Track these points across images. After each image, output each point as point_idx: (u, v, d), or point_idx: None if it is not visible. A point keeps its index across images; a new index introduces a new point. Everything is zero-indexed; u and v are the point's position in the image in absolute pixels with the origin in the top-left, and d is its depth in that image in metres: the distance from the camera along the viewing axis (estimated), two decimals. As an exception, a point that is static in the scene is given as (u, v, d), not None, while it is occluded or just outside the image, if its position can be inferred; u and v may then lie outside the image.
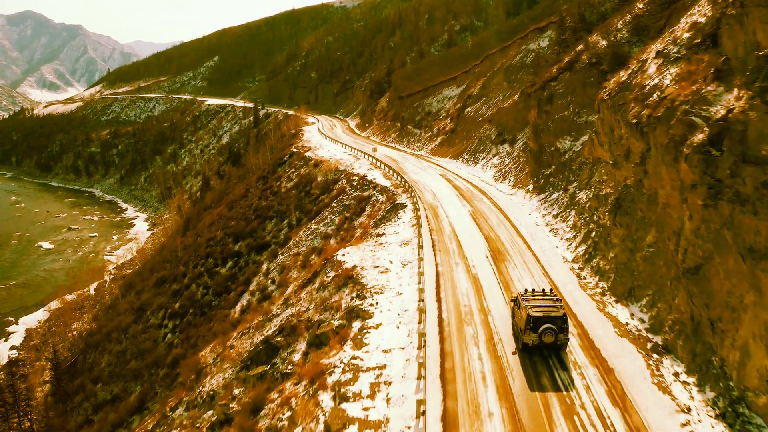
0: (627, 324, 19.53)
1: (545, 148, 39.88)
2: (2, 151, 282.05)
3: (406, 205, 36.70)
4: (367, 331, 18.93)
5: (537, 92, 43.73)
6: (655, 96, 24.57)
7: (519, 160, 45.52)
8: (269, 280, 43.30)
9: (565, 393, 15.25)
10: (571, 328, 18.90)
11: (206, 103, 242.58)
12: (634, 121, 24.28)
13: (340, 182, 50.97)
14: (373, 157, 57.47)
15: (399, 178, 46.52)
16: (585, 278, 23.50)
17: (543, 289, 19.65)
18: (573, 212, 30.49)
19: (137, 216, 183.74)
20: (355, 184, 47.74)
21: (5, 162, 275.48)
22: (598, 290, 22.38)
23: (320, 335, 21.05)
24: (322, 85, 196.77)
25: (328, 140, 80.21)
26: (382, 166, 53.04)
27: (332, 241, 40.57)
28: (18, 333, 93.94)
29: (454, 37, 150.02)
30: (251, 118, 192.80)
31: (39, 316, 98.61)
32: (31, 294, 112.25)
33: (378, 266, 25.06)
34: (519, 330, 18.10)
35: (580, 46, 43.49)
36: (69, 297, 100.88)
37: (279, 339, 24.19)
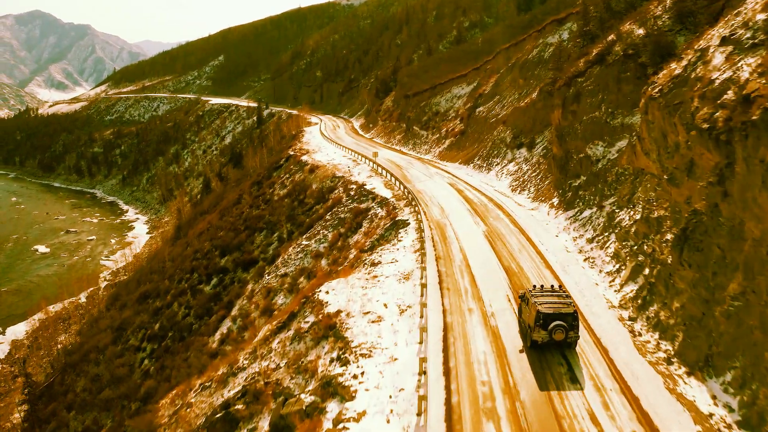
0: (711, 416, 13.76)
1: (572, 155, 34.06)
2: (6, 151, 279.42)
3: (409, 223, 31.07)
4: (345, 426, 13.31)
5: (561, 90, 37.88)
6: (730, 93, 18.75)
7: (539, 167, 39.69)
8: (253, 305, 37.89)
9: None
10: (636, 426, 13.13)
11: (210, 102, 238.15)
12: (705, 126, 18.45)
13: (336, 191, 45.39)
14: (374, 163, 51.78)
15: (402, 187, 40.89)
16: (640, 334, 17.73)
17: (552, 285, 18.87)
18: (613, 237, 24.68)
19: (137, 218, 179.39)
20: (352, 193, 42.14)
21: (9, 162, 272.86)
22: (661, 354, 16.62)
23: (286, 417, 15.47)
24: (327, 84, 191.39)
25: (329, 142, 74.67)
26: (384, 173, 47.42)
27: (323, 262, 35.04)
28: (4, 344, 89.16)
29: (463, 33, 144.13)
30: (255, 118, 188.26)
31: (28, 325, 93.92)
32: (21, 301, 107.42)
33: (368, 312, 19.44)
34: (528, 327, 17.58)
35: (611, 37, 37.60)
36: (57, 307, 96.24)
37: (240, 407, 18.69)
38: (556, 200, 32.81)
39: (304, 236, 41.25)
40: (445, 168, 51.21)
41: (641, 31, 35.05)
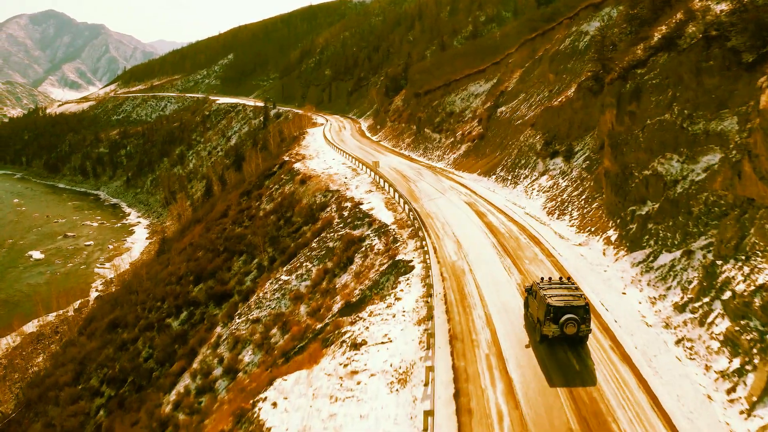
0: None
1: (632, 171, 25.45)
2: (14, 150, 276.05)
3: (413, 266, 22.77)
4: None
5: (614, 84, 29.16)
6: None
7: (583, 184, 31.08)
8: (216, 359, 29.91)
9: None
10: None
11: (217, 102, 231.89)
12: None
13: (328, 209, 37.17)
14: (376, 173, 43.32)
15: (407, 208, 32.51)
16: None
17: (560, 278, 18.25)
18: (718, 306, 16.17)
19: (139, 222, 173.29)
20: (346, 214, 33.90)
21: (16, 162, 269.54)
22: None
23: None
24: (335, 82, 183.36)
25: (330, 146, 66.50)
26: (387, 186, 38.99)
27: (302, 309, 27.00)
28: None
29: (479, 28, 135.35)
30: (261, 119, 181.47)
31: (9, 340, 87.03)
32: (8, 313, 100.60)
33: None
34: (537, 321, 16.90)
35: (678, 15, 28.93)
36: (36, 322, 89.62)
37: None
38: (613, 233, 24.22)
39: (286, 267, 33.18)
40: (462, 180, 42.68)
41: (723, 7, 26.36)
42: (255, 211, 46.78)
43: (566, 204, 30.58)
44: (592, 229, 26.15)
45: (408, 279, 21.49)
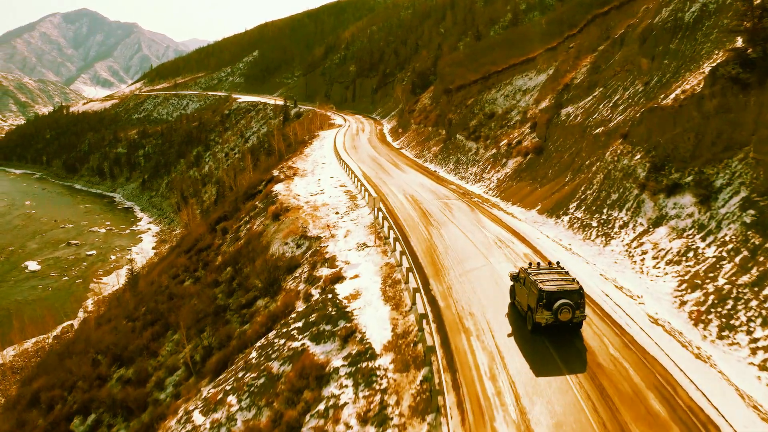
0: None
1: None
2: (35, 150, 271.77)
3: None
4: None
5: None
6: None
7: (756, 258, 15.79)
8: None
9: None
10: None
11: (238, 100, 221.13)
12: None
13: (297, 274, 22.79)
14: (383, 209, 28.23)
15: (423, 302, 17.22)
16: None
17: (549, 262, 17.46)
18: None
19: (149, 229, 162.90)
20: (314, 299, 19.41)
21: (36, 161, 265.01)
22: None
23: None
24: (360, 79, 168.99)
25: (335, 157, 52.08)
26: (392, 238, 23.98)
27: None
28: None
29: (519, 17, 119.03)
30: (281, 118, 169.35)
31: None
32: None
33: None
34: (527, 309, 16.06)
35: None
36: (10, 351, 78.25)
37: None
38: None
39: (211, 385, 18.90)
40: (513, 223, 27.15)
41: None
42: (212, 256, 32.72)
43: (726, 296, 15.35)
44: None
45: None
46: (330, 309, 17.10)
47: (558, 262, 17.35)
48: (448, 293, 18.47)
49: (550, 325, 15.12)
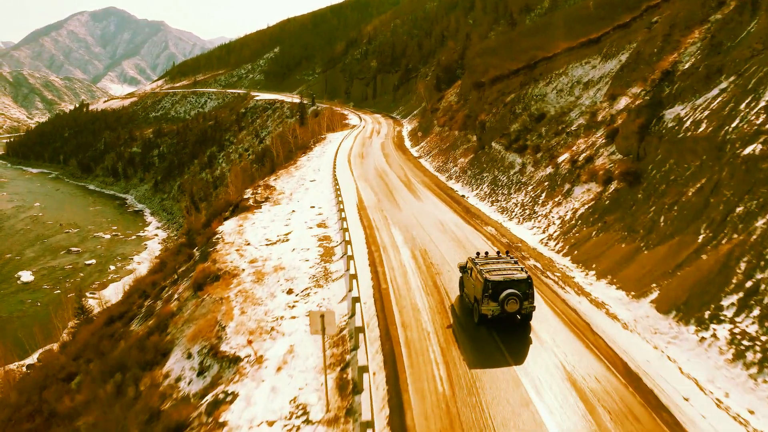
0: None
1: None
2: (53, 148, 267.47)
3: None
4: None
5: None
6: None
7: None
8: None
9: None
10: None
11: (256, 98, 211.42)
12: None
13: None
14: (361, 306, 15.45)
15: None
16: None
17: (498, 252, 16.99)
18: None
19: (156, 235, 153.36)
20: None
21: (53, 160, 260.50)
22: None
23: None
24: (381, 75, 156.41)
25: (331, 171, 39.72)
26: (369, 400, 10.96)
27: None
28: None
29: (559, 3, 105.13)
30: (298, 117, 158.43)
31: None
32: (-38, 358, 79.81)
33: None
34: (474, 300, 15.57)
35: None
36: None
37: None
38: None
39: None
40: (610, 331, 14.43)
41: None
42: (133, 327, 20.63)
43: None
44: None
45: None
46: None
47: (507, 252, 16.88)
48: None
49: (497, 317, 14.54)
